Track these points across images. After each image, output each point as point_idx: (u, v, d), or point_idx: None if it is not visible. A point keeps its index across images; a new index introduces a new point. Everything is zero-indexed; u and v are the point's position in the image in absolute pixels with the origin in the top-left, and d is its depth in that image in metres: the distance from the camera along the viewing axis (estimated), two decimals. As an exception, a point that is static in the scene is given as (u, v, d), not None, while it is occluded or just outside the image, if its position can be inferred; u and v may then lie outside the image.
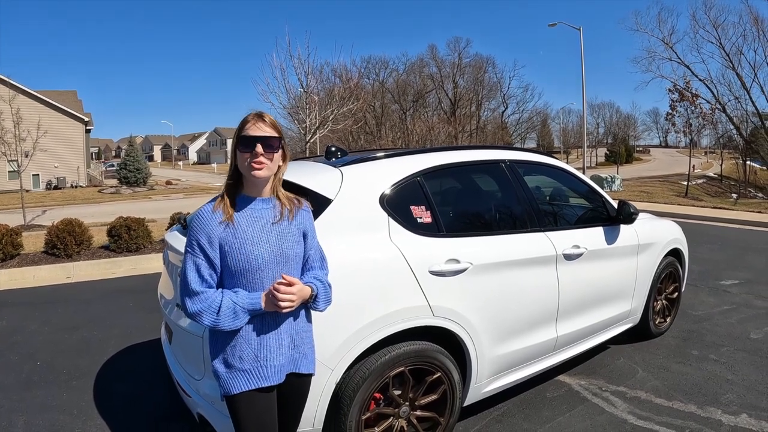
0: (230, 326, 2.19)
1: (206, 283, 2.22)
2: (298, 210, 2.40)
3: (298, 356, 2.36)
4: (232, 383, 2.25)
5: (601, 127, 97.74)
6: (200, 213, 2.26)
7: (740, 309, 6.66)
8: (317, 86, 19.23)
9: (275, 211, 2.32)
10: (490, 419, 3.99)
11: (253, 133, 2.21)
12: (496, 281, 3.60)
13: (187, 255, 2.24)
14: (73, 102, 46.85)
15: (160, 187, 41.07)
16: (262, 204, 2.31)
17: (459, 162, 3.89)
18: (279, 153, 2.28)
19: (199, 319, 2.18)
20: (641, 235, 5.01)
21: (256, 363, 2.25)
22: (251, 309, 2.20)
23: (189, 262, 2.22)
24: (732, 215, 16.48)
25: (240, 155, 2.23)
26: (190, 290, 2.19)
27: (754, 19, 41.74)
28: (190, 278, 2.20)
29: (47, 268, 8.99)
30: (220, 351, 2.29)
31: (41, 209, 24.25)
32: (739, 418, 3.93)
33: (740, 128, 45.48)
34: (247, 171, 2.23)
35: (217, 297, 2.19)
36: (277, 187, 2.36)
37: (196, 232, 2.23)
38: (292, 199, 2.42)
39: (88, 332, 6.07)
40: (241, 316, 2.19)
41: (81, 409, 4.24)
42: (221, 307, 2.16)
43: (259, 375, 2.26)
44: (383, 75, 72.64)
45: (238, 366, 2.25)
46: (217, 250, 2.23)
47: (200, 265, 2.21)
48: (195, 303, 2.17)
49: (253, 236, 2.24)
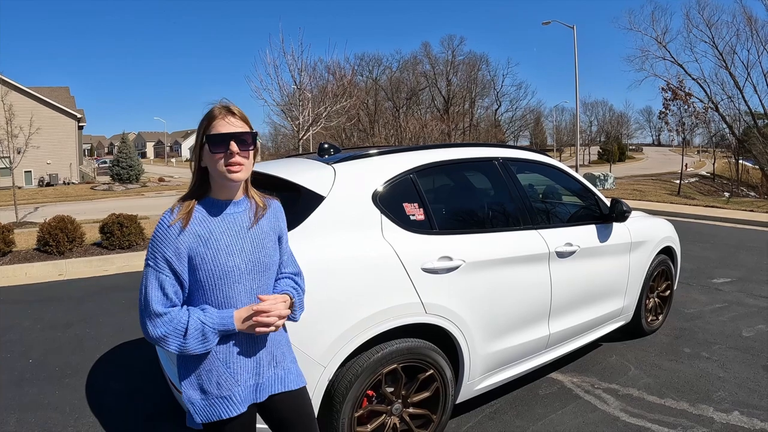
0: (199, 350, 1.93)
1: (170, 303, 1.93)
2: (272, 210, 2.18)
3: (282, 373, 2.15)
4: (210, 411, 2.00)
5: (594, 126, 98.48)
6: (163, 222, 1.95)
7: (732, 307, 6.70)
8: (310, 83, 19.29)
9: (249, 214, 2.08)
10: (483, 416, 4.00)
11: (224, 130, 1.94)
12: (488, 279, 3.60)
13: (149, 270, 1.94)
14: (66, 98, 46.59)
15: (152, 184, 41.03)
16: (234, 208, 2.06)
17: (452, 159, 3.89)
18: (252, 149, 2.01)
19: (164, 344, 1.90)
20: (634, 233, 5.02)
21: (236, 388, 2.01)
22: (222, 329, 1.94)
23: (151, 279, 1.93)
24: (724, 214, 16.54)
25: (210, 156, 1.95)
26: (152, 311, 1.90)
27: (747, 18, 41.94)
28: (152, 297, 1.90)
29: (39, 265, 8.95)
30: (191, 374, 2.03)
31: (33, 206, 24.17)
32: (731, 416, 3.95)
33: (733, 127, 45.61)
34: (221, 175, 1.95)
35: (183, 317, 1.91)
36: (249, 187, 2.13)
37: (160, 244, 1.93)
38: (265, 197, 2.20)
39: (80, 329, 6.05)
40: (210, 338, 1.93)
41: (73, 406, 4.23)
42: (188, 328, 1.90)
43: (237, 400, 2.02)
44: (377, 72, 72.84)
45: (215, 393, 2.00)
46: (185, 264, 1.96)
47: (164, 282, 1.92)
48: (158, 326, 1.89)
49: (228, 245, 1.99)
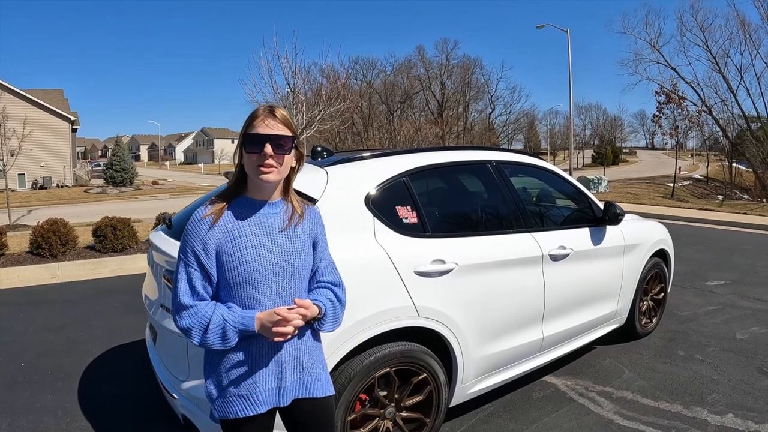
0: (219, 346, 1.96)
1: (198, 296, 1.98)
2: (309, 216, 2.17)
3: (309, 379, 2.12)
4: (227, 408, 2.03)
5: (588, 129, 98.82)
6: (195, 217, 2.02)
7: (726, 309, 6.71)
8: (304, 86, 19.20)
9: (284, 217, 2.09)
10: (477, 420, 3.99)
11: (262, 131, 1.96)
12: (481, 282, 3.59)
13: (180, 264, 2.01)
14: (60, 101, 46.43)
15: (146, 187, 40.90)
16: (269, 209, 2.08)
17: (445, 162, 3.89)
18: (291, 154, 2.04)
19: (189, 335, 1.96)
20: (627, 236, 5.03)
21: (254, 388, 2.02)
22: (242, 329, 1.95)
23: (181, 272, 1.99)
24: (718, 217, 16.63)
25: (247, 156, 1.99)
26: (179, 303, 1.97)
27: (740, 22, 42.18)
28: (181, 290, 1.97)
29: (32, 268, 8.90)
30: (214, 371, 2.07)
31: (27, 209, 24.09)
32: (725, 418, 3.95)
33: (726, 130, 45.82)
34: (254, 174, 1.99)
35: (208, 311, 1.95)
36: (290, 190, 2.14)
37: (191, 238, 1.99)
38: (304, 203, 2.20)
39: (73, 333, 6.02)
40: (230, 336, 1.95)
41: (66, 410, 4.20)
42: (209, 323, 1.93)
43: (256, 400, 2.02)
44: (371, 76, 72.91)
45: (233, 391, 2.02)
46: (213, 259, 1.99)
47: (193, 276, 1.98)
48: (184, 318, 1.95)
49: (256, 245, 2.01)
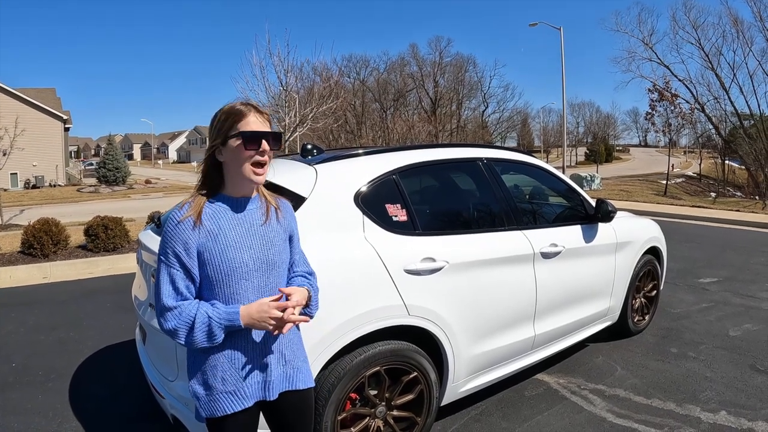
0: (205, 344, 1.95)
1: (181, 296, 1.97)
2: (283, 210, 2.18)
3: (291, 372, 2.14)
4: (215, 406, 2.02)
5: (581, 127, 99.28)
6: (172, 218, 1.98)
7: (719, 306, 6.73)
8: (297, 84, 19.16)
9: (260, 212, 2.09)
10: (469, 418, 3.98)
11: (259, 128, 1.96)
12: (472, 280, 3.58)
13: (161, 266, 1.98)
14: (52, 100, 46.24)
15: (139, 186, 40.71)
16: (247, 205, 2.07)
17: (435, 160, 3.87)
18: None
19: (176, 336, 1.93)
20: (619, 234, 5.02)
21: (240, 383, 2.03)
22: (228, 324, 1.94)
23: (163, 274, 1.97)
24: (710, 214, 16.67)
25: (238, 153, 1.96)
26: (163, 305, 1.94)
27: (733, 20, 42.35)
28: (164, 292, 1.95)
29: (23, 268, 8.87)
30: (198, 370, 2.05)
31: (19, 208, 23.92)
32: (718, 416, 3.95)
33: (719, 128, 46.05)
34: (247, 173, 1.98)
35: (192, 310, 1.93)
36: (260, 186, 2.12)
37: (170, 239, 1.96)
38: (275, 196, 2.20)
39: (64, 333, 5.99)
40: (216, 333, 1.94)
41: (56, 410, 4.18)
42: (194, 322, 1.92)
43: (243, 395, 2.03)
44: (364, 74, 72.75)
45: (219, 388, 2.01)
46: (195, 259, 1.98)
47: (175, 277, 1.96)
48: (168, 320, 1.93)
49: (236, 241, 2.00)
